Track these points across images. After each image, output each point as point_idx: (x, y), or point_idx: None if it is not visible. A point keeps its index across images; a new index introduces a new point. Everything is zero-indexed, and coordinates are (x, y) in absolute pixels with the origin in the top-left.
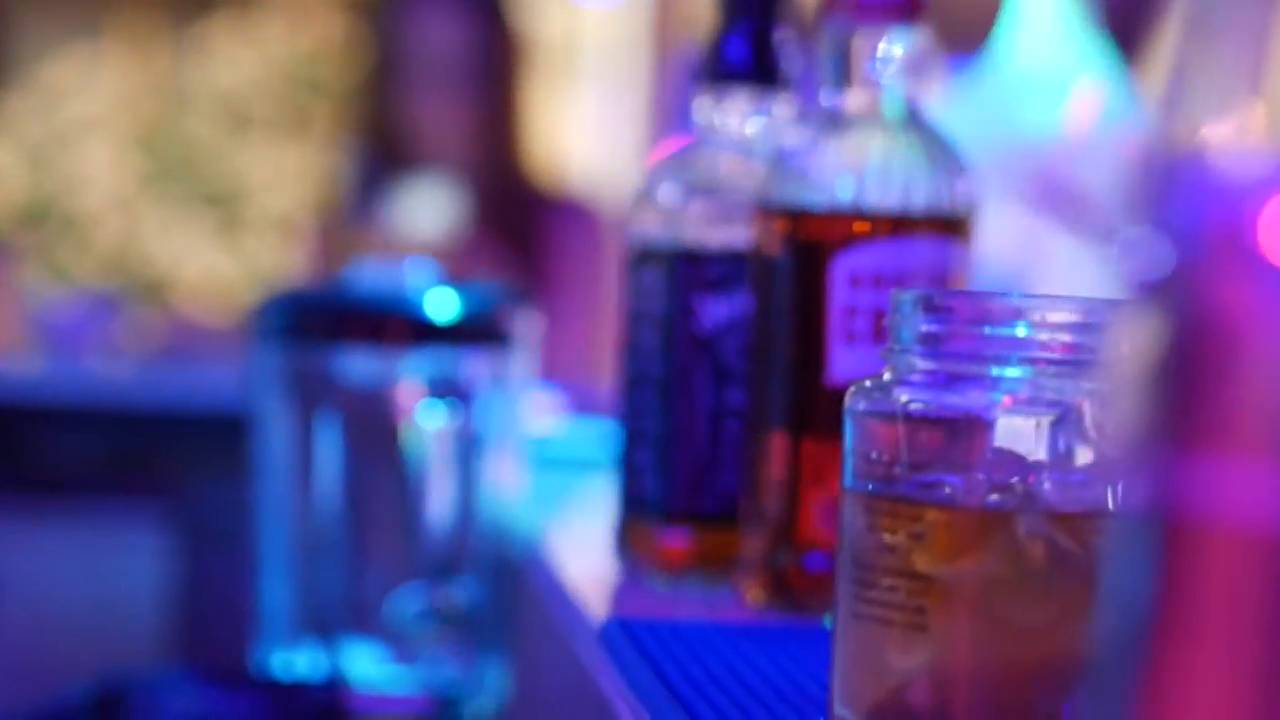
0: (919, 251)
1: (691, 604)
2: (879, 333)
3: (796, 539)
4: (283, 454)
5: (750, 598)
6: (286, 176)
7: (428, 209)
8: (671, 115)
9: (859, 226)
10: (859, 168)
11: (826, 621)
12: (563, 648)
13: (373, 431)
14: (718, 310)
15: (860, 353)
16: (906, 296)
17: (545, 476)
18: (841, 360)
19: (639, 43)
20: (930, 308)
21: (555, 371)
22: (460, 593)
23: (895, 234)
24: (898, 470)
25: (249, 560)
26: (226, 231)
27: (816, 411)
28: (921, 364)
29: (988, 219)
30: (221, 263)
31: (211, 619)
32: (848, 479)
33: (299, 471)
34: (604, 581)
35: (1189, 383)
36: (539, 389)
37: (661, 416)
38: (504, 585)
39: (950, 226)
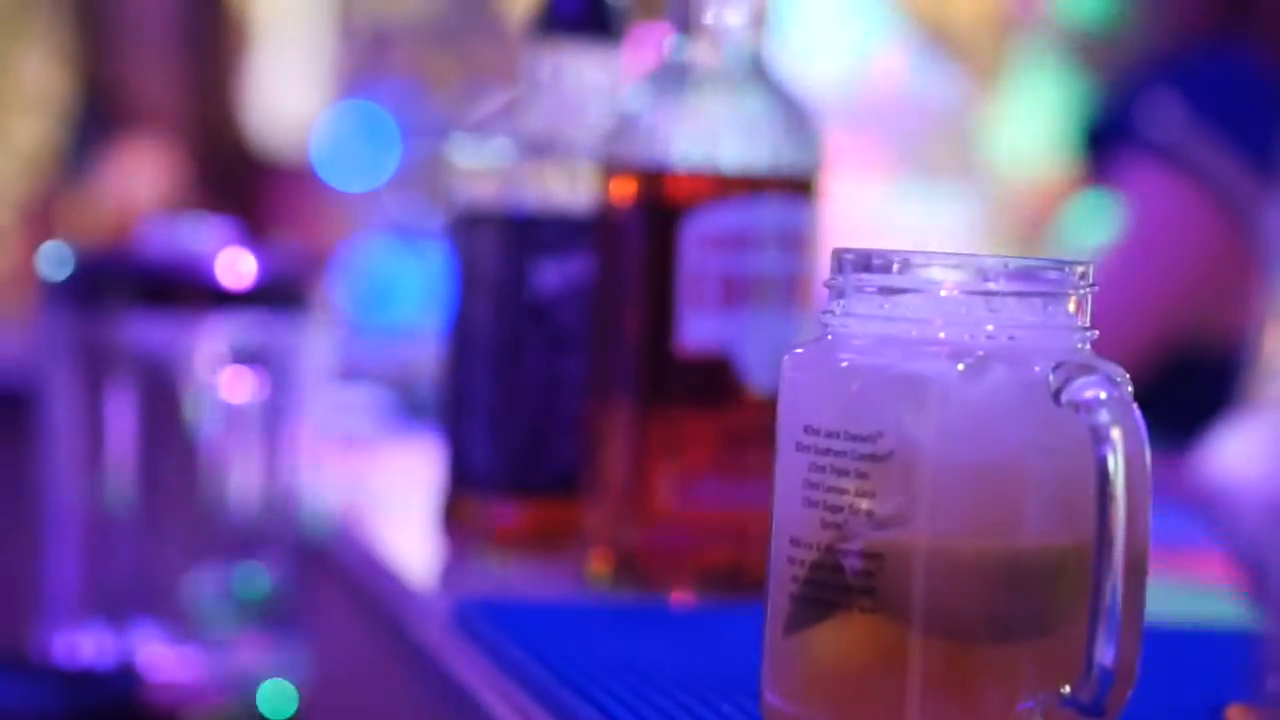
0: (772, 212)
1: (528, 582)
2: (729, 297)
3: (644, 513)
4: (70, 426)
5: (593, 575)
6: None
7: (143, 173)
8: (354, 78)
9: (712, 187)
10: (711, 125)
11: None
12: (395, 633)
13: (167, 402)
14: (553, 275)
15: (710, 319)
16: (848, 255)
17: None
18: (691, 327)
19: (320, 8)
20: (871, 267)
21: None
22: (260, 573)
23: (748, 194)
24: (843, 440)
25: (32, 538)
26: None
27: (666, 380)
28: (863, 326)
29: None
30: None
31: None
32: (783, 452)
33: (88, 444)
34: (430, 561)
35: None
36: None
37: (492, 386)
38: (307, 565)
39: (801, 185)
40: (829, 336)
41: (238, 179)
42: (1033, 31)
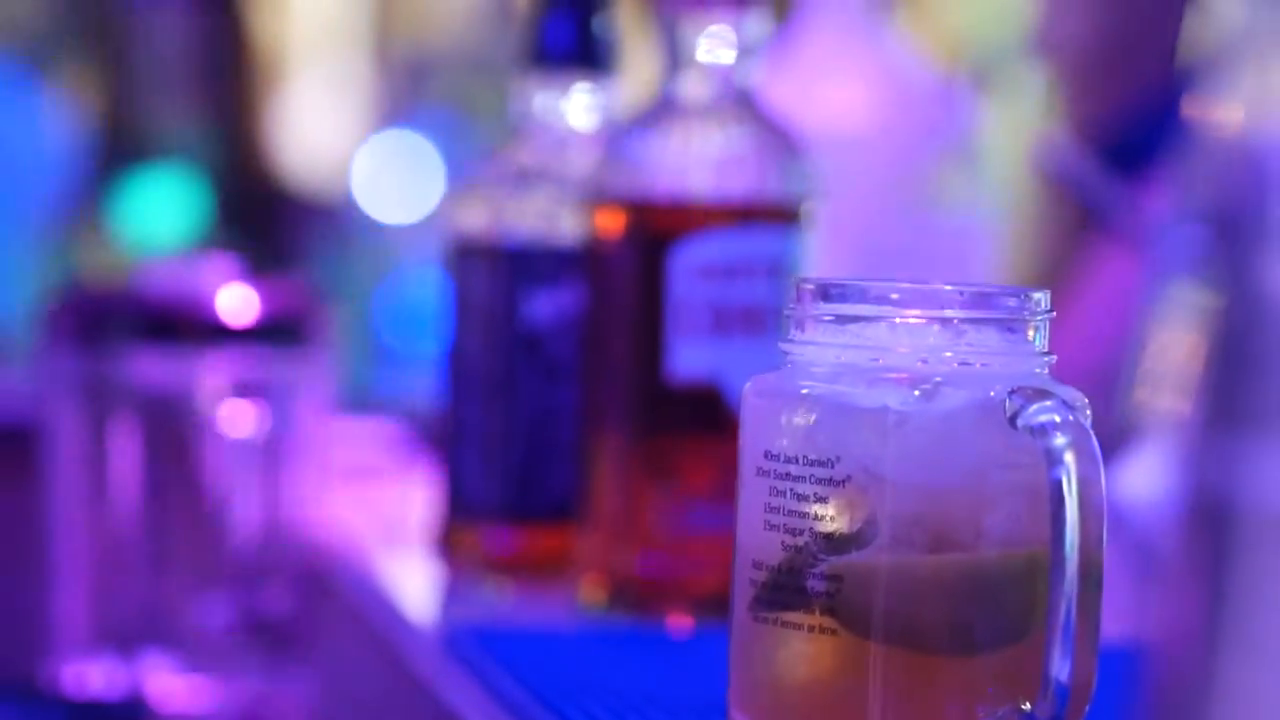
0: (759, 242)
1: (524, 608)
2: (719, 326)
3: (638, 540)
4: (75, 460)
5: (587, 600)
6: None
7: (164, 207)
8: (393, 108)
9: (700, 217)
10: (698, 156)
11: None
12: (391, 660)
13: (170, 437)
14: (545, 306)
15: (700, 348)
16: (807, 284)
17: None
18: (681, 356)
19: (356, 38)
20: (829, 295)
21: None
22: (266, 602)
23: (735, 224)
24: (801, 465)
25: (40, 571)
26: None
27: (657, 409)
28: (822, 354)
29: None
30: None
31: None
32: (745, 477)
33: (93, 478)
34: (426, 588)
35: (1241, 368)
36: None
37: (486, 415)
38: (311, 595)
39: (788, 215)
40: (789, 364)
41: (262, 213)
42: (1040, 58)
